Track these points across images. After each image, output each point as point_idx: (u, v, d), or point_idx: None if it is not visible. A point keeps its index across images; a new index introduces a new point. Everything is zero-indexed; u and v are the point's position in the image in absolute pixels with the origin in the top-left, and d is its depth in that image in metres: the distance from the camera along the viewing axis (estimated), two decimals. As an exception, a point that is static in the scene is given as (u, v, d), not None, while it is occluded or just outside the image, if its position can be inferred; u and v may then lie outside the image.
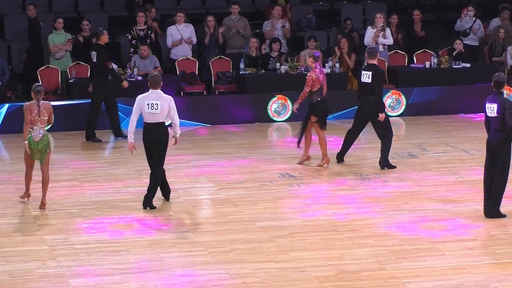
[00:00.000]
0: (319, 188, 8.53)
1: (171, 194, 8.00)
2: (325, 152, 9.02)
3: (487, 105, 6.99)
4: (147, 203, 7.68)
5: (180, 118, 8.07)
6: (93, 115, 10.39)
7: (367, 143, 9.89)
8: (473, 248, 6.55)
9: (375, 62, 8.91)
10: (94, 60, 10.26)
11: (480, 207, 7.33)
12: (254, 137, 10.83)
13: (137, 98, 7.70)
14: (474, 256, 6.30)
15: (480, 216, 7.23)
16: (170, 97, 7.81)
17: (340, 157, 9.34)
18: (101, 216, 7.51)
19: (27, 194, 7.82)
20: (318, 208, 7.74)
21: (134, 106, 7.67)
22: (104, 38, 10.33)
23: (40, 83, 10.54)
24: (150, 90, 7.66)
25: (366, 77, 8.76)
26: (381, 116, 8.74)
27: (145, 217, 7.61)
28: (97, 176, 8.93)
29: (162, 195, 7.97)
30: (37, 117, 7.49)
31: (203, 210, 8.36)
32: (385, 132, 8.82)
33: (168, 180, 8.02)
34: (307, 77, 8.91)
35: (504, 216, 7.05)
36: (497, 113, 6.85)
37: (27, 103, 7.83)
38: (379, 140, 9.03)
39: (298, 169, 9.17)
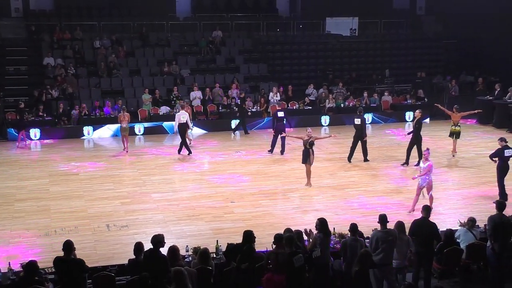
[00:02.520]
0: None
1: (191, 160, 22.86)
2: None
3: None
4: (178, 150, 21.38)
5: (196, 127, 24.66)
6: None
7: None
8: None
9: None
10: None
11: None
12: (225, 137, 26.44)
13: (176, 115, 21.92)
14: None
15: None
16: (187, 113, 21.24)
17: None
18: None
19: None
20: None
21: (176, 117, 21.45)
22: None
23: (139, 115, 27.47)
24: (181, 111, 21.94)
25: (281, 114, 25.11)
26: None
27: (180, 169, 23.16)
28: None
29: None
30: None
31: (205, 165, 22.50)
32: None
33: (191, 155, 23.42)
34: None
35: None
36: None
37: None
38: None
39: (243, 149, 25.15)
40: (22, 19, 30.93)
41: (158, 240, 9.12)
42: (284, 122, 21.27)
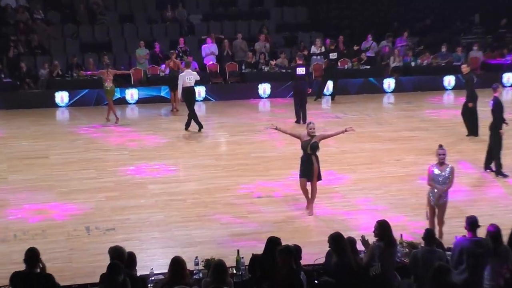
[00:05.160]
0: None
1: (204, 139, 20.19)
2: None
3: None
4: (186, 126, 21.60)
5: (208, 96, 25.31)
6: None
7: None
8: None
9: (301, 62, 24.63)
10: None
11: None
12: (250, 107, 26.67)
13: (180, 75, 21.36)
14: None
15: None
16: (195, 73, 21.88)
17: None
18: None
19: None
20: (288, 145, 17.96)
21: (179, 79, 21.61)
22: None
23: (132, 77, 27.45)
24: (185, 70, 21.46)
25: (301, 71, 23.68)
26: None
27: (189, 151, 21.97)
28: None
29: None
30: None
31: (222, 147, 20.26)
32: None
33: (202, 131, 21.83)
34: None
35: None
36: None
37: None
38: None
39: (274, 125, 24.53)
40: None
41: (118, 257, 9.03)
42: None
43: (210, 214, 14.47)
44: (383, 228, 9.84)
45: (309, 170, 14.22)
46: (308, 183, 14.36)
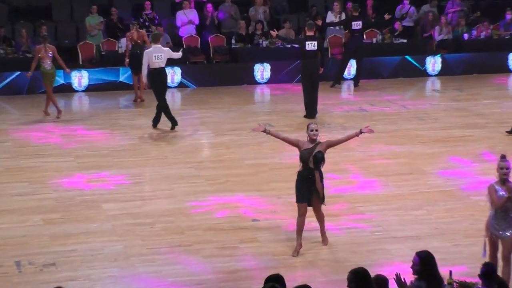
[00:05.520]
0: (292, 134, 17.03)
1: (179, 141, 20.26)
2: None
3: None
4: (154, 122, 21.10)
5: (185, 81, 25.33)
6: None
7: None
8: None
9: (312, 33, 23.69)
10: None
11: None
12: (243, 96, 26.31)
13: (145, 52, 21.59)
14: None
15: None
16: (167, 49, 21.77)
17: None
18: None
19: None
20: (292, 149, 14.46)
21: (144, 57, 21.38)
22: None
23: (80, 55, 27.33)
24: (153, 46, 21.30)
25: (312, 45, 23.10)
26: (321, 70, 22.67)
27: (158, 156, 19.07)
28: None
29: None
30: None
31: (204, 151, 20.12)
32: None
33: (177, 129, 21.97)
34: None
35: None
36: None
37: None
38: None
39: (275, 120, 21.85)
40: None
41: None
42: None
43: (187, 244, 14.41)
44: (425, 263, 9.83)
45: (311, 190, 13.79)
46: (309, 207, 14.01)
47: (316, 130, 13.68)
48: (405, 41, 28.86)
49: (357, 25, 26.72)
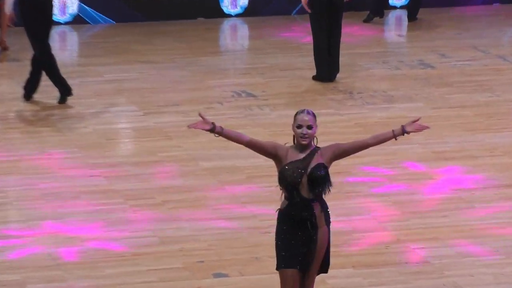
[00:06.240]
0: (287, 112, 15.07)
1: (76, 125, 16.73)
2: None
3: None
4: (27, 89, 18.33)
5: (90, 11, 20.92)
6: None
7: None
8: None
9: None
10: None
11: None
12: (196, 39, 21.63)
13: None
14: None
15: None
16: None
17: None
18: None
19: None
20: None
21: None
22: None
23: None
24: None
25: None
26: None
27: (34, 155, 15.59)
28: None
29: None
30: None
31: (121, 144, 16.78)
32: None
33: (71, 100, 17.47)
34: None
35: None
36: None
37: None
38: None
39: (257, 86, 18.41)
40: None
41: None
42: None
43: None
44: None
45: (306, 244, 11.03)
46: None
47: (310, 128, 10.56)
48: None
49: None
